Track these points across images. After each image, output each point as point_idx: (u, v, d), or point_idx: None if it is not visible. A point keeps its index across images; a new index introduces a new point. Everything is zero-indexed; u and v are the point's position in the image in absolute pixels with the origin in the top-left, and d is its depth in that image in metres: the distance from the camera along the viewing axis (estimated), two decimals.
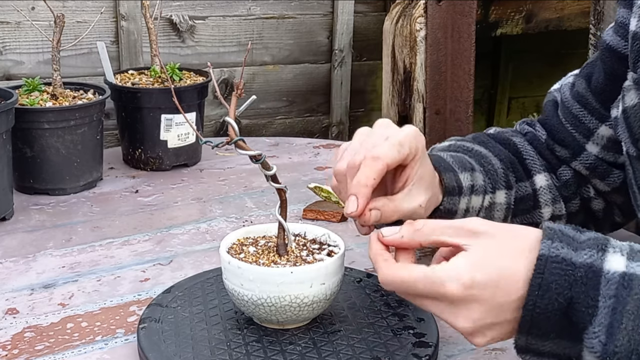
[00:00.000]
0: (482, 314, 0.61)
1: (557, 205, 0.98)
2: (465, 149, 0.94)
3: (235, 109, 0.75)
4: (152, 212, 1.17)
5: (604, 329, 0.58)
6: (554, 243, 0.61)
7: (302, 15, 1.95)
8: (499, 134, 1.01)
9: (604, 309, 0.59)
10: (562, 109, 0.98)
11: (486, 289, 0.61)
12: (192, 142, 1.38)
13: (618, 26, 0.91)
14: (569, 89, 0.99)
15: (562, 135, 0.98)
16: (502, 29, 1.95)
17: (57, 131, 1.21)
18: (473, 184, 0.88)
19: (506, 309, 0.61)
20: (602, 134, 0.95)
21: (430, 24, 1.78)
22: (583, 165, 0.97)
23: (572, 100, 0.97)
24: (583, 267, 0.60)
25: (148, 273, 0.97)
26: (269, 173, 0.76)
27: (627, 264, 0.60)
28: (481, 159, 0.93)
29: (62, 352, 0.78)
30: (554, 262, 0.60)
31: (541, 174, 0.97)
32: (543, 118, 1.02)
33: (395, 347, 0.74)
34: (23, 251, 1.03)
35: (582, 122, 0.96)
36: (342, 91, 2.03)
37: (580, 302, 0.59)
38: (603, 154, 0.96)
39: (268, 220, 1.13)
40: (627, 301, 0.58)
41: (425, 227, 0.66)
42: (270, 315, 0.76)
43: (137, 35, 1.72)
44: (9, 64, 1.64)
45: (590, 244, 0.61)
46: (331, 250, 0.80)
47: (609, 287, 0.59)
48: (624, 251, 0.61)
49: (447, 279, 0.61)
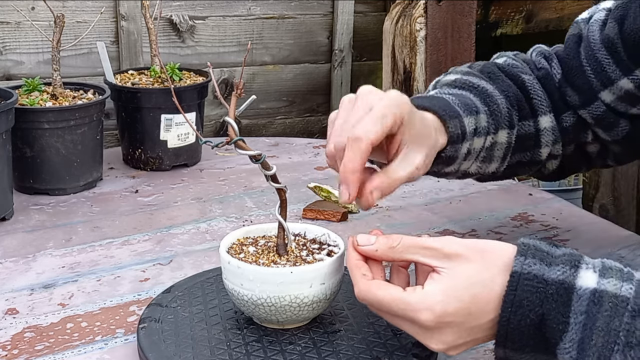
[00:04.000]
0: (454, 336, 0.64)
1: (556, 146, 0.96)
2: (470, 86, 0.91)
3: (235, 109, 0.75)
4: (152, 212, 1.17)
5: (575, 345, 0.60)
6: (527, 259, 0.62)
7: (302, 15, 1.95)
8: (509, 68, 0.96)
9: (575, 325, 0.60)
10: (586, 48, 0.94)
11: (458, 317, 0.63)
12: (192, 142, 1.38)
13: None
14: (599, 28, 0.93)
15: (578, 80, 0.94)
16: (502, 29, 1.95)
17: (57, 131, 1.21)
18: (476, 127, 0.86)
19: (477, 331, 0.63)
20: (621, 86, 0.91)
21: (430, 24, 1.78)
22: (590, 115, 0.94)
23: (600, 44, 0.92)
24: (555, 284, 0.61)
25: (148, 273, 0.97)
26: (269, 173, 0.76)
27: (599, 281, 0.61)
28: (486, 98, 0.90)
29: (62, 352, 0.78)
30: (526, 280, 0.61)
31: (546, 115, 0.95)
32: (563, 54, 0.97)
33: (395, 347, 0.74)
34: (23, 251, 1.03)
35: (605, 69, 0.91)
36: (342, 91, 2.03)
37: (551, 319, 0.60)
38: (616, 103, 0.93)
39: (268, 220, 1.13)
40: (597, 318, 0.59)
41: (400, 245, 0.67)
42: (270, 315, 0.76)
43: (137, 35, 1.72)
44: (9, 64, 1.64)
45: (564, 260, 0.62)
46: (331, 250, 0.80)
47: (580, 303, 0.60)
48: (596, 268, 0.62)
49: (421, 307, 0.63)
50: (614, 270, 0.62)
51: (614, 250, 1.03)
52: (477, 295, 0.62)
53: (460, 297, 0.62)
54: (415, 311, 0.63)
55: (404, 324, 0.65)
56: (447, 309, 0.62)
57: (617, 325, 0.58)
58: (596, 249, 1.03)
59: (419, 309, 0.63)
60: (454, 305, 0.62)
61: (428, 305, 0.63)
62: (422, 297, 0.63)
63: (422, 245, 0.66)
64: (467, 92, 0.89)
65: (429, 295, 0.63)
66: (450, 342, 0.64)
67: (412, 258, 0.66)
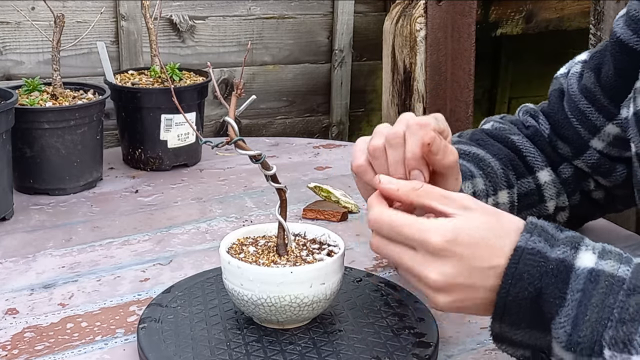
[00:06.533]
0: (455, 270, 0.64)
1: (560, 198, 0.98)
2: (462, 153, 0.93)
3: (235, 109, 0.75)
4: (152, 212, 1.17)
5: (570, 320, 0.61)
6: (532, 236, 0.63)
7: (302, 15, 1.95)
8: (497, 132, 0.99)
9: (572, 301, 0.61)
10: (569, 101, 0.96)
11: (466, 248, 0.64)
12: (192, 142, 1.38)
13: (630, 19, 0.88)
14: (577, 80, 0.96)
15: (566, 132, 0.96)
16: (502, 29, 1.95)
17: (57, 131, 1.21)
18: (474, 191, 0.88)
19: (478, 274, 0.64)
20: (608, 132, 0.94)
21: (430, 24, 1.78)
22: (586, 164, 0.96)
23: (580, 95, 0.95)
24: (555, 261, 0.62)
25: (148, 273, 0.97)
26: (269, 173, 0.76)
27: (597, 262, 0.62)
28: (480, 162, 0.92)
29: (62, 352, 0.78)
30: (529, 254, 0.63)
31: (544, 169, 0.97)
32: (548, 110, 0.99)
33: (395, 347, 0.74)
34: (23, 251, 1.03)
35: (589, 118, 0.94)
36: (342, 91, 2.03)
37: (548, 293, 0.62)
38: (608, 149, 0.95)
39: (268, 220, 1.13)
40: (592, 294, 0.61)
41: (422, 189, 0.68)
42: (270, 315, 0.76)
43: (137, 35, 1.72)
44: (9, 64, 1.64)
45: (565, 241, 0.64)
46: (331, 250, 0.80)
47: (578, 281, 0.61)
48: (596, 250, 0.64)
49: (433, 229, 0.64)
50: (613, 253, 0.63)
51: None
52: (488, 240, 0.64)
53: (472, 234, 0.64)
54: (426, 231, 0.64)
55: (407, 252, 0.66)
56: (457, 237, 0.63)
57: (611, 302, 0.60)
58: None
59: (431, 230, 0.64)
60: (464, 237, 0.64)
61: (440, 230, 0.64)
62: (435, 223, 0.65)
63: (442, 194, 0.67)
64: (460, 160, 0.91)
65: (443, 223, 0.65)
66: (449, 276, 0.64)
67: (430, 204, 0.67)
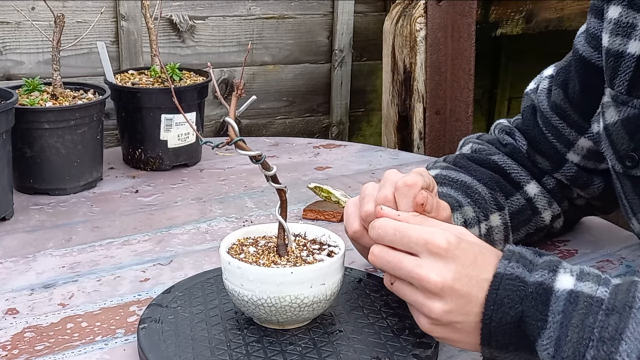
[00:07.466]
0: (455, 275, 0.66)
1: (553, 207, 1.00)
2: (450, 180, 0.94)
3: (235, 109, 0.75)
4: (152, 212, 1.17)
5: (553, 342, 0.63)
6: (510, 263, 0.66)
7: (302, 15, 1.95)
8: (478, 154, 1.00)
9: (553, 323, 0.63)
10: (542, 118, 0.98)
11: (465, 255, 0.67)
12: (192, 142, 1.38)
13: (590, 36, 0.90)
14: (546, 97, 0.98)
15: (543, 147, 0.98)
16: (502, 29, 1.95)
17: (57, 131, 1.21)
18: (465, 220, 0.89)
19: (474, 285, 0.66)
20: (582, 145, 0.96)
21: (430, 24, 1.78)
22: (564, 177, 0.98)
23: (550, 112, 0.97)
24: (534, 284, 0.65)
25: (148, 273, 0.97)
26: (269, 173, 0.76)
27: (575, 283, 0.64)
28: (467, 190, 0.93)
29: (62, 352, 0.78)
30: (508, 280, 0.65)
31: (530, 183, 0.98)
32: (523, 126, 1.01)
33: (395, 347, 0.74)
34: (23, 251, 1.03)
35: (562, 133, 0.96)
36: (342, 91, 2.03)
37: (530, 316, 0.64)
38: (584, 162, 0.97)
39: (268, 220, 1.13)
40: (572, 315, 0.62)
41: (420, 217, 0.73)
42: (270, 316, 0.76)
43: (137, 35, 1.72)
44: (9, 64, 1.64)
45: (544, 265, 0.66)
46: (331, 251, 0.80)
47: (558, 303, 0.63)
48: (574, 272, 0.66)
49: (438, 232, 0.68)
50: (591, 275, 0.65)
51: (614, 250, 1.03)
52: (483, 253, 0.68)
53: (472, 243, 0.69)
54: (432, 232, 0.68)
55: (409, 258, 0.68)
56: (460, 243, 0.68)
57: (591, 322, 0.61)
58: (596, 249, 1.03)
59: (436, 233, 0.68)
60: (466, 245, 0.68)
61: (445, 234, 0.68)
62: (441, 227, 0.70)
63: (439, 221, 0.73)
64: (448, 188, 0.93)
65: (448, 228, 0.70)
66: (448, 280, 0.66)
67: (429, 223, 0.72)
